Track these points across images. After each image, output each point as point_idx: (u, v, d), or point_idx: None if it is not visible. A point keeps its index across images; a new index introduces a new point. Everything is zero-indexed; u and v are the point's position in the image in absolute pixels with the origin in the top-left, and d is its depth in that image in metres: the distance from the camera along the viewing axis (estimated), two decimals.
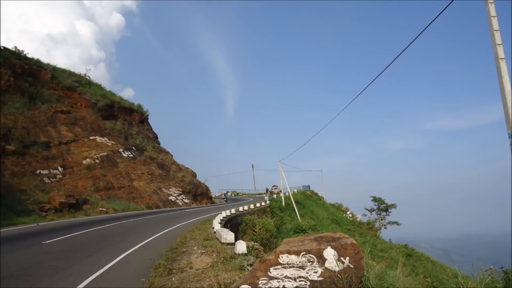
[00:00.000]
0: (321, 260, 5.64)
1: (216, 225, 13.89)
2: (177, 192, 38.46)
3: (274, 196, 49.16)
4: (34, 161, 27.17)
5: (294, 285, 5.12)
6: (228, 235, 10.57)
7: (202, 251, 9.58)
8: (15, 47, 35.08)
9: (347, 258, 5.68)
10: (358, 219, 49.46)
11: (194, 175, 45.94)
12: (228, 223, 18.26)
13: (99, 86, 45.54)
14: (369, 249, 16.22)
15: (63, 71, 41.19)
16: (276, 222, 24.25)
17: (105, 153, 34.43)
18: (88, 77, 45.78)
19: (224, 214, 19.83)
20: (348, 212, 51.82)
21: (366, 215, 51.71)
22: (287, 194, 39.64)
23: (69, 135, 32.97)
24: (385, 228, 50.36)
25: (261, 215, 27.01)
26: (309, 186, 65.54)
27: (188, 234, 13.10)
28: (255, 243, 13.36)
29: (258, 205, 31.63)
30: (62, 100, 36.58)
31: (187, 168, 46.40)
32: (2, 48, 32.50)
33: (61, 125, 33.31)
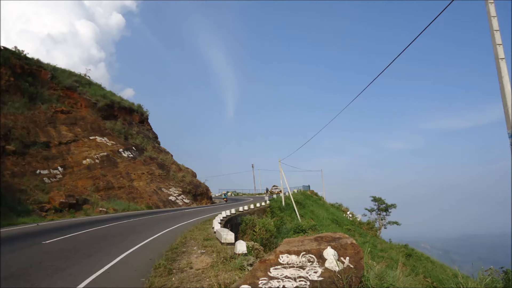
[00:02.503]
0: (321, 260, 5.64)
1: (216, 225, 13.89)
2: (177, 192, 38.46)
3: (274, 196, 49.13)
4: (34, 161, 27.17)
5: (294, 285, 5.12)
6: (228, 235, 10.56)
7: (202, 251, 9.58)
8: (15, 47, 35.16)
9: (347, 258, 5.68)
10: (358, 219, 49.45)
11: (194, 175, 45.94)
12: (228, 223, 18.25)
13: (99, 86, 45.54)
14: (369, 249, 16.24)
15: (63, 71, 41.19)
16: (276, 222, 24.26)
17: (105, 153, 34.43)
18: (88, 77, 45.80)
19: (224, 214, 19.82)
20: (348, 212, 51.81)
21: (366, 215, 51.81)
22: (287, 194, 39.61)
23: (69, 135, 32.97)
24: (385, 228, 50.39)
25: (261, 215, 27.00)
26: (309, 186, 65.60)
27: (188, 234, 13.09)
28: (255, 243, 13.35)
29: (258, 205, 31.62)
30: (62, 100, 36.59)
31: (187, 168, 46.40)
32: (2, 48, 32.51)
33: (61, 125, 33.32)
